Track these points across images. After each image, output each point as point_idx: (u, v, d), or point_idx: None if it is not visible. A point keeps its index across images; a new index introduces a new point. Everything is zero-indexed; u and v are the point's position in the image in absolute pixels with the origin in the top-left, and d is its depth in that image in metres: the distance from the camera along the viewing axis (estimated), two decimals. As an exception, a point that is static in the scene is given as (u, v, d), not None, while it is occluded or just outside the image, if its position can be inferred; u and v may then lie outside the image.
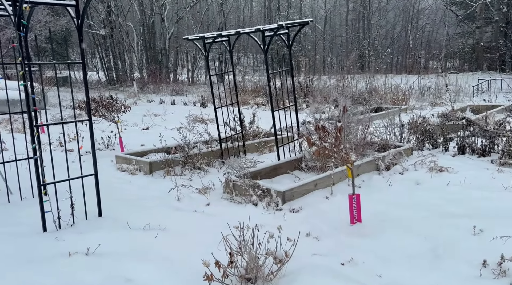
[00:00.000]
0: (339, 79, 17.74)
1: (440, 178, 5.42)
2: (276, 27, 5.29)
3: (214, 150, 7.00)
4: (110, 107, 7.33)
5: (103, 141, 8.42)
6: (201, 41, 6.58)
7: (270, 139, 7.86)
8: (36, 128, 3.61)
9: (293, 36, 5.92)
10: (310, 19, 5.42)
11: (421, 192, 4.96)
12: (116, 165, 6.81)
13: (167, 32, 28.88)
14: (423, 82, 17.79)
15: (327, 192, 4.95)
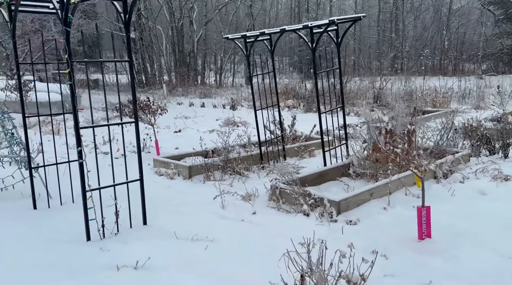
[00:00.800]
0: (372, 81, 17.19)
1: (506, 187, 4.94)
2: (326, 23, 4.94)
3: (253, 154, 6.70)
4: (147, 109, 7.14)
5: (134, 144, 8.26)
6: (242, 41, 6.30)
7: (310, 143, 7.51)
8: (77, 131, 3.39)
9: (343, 33, 5.55)
10: (363, 15, 5.06)
11: (488, 203, 4.50)
12: (154, 169, 6.61)
13: (195, 35, 28.92)
14: (461, 84, 17.02)
15: (383, 202, 4.55)
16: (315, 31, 5.24)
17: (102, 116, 12.82)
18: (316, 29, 5.24)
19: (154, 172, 6.48)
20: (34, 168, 4.40)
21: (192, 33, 28.62)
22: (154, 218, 4.08)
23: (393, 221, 4.09)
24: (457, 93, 15.40)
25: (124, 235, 3.70)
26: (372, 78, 17.79)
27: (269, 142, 6.81)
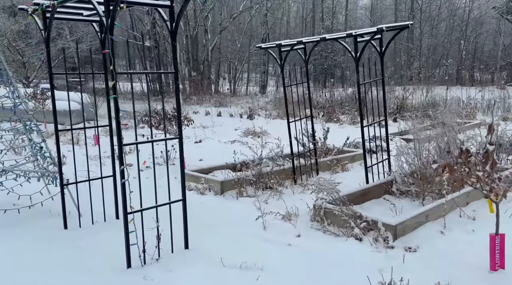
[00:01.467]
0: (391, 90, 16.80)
1: None
2: (374, 31, 4.65)
3: (285, 168, 6.38)
4: (174, 120, 6.88)
5: (162, 155, 8.01)
6: (276, 50, 6.03)
7: (342, 156, 7.18)
8: (121, 149, 3.12)
9: (387, 42, 5.25)
10: (410, 22, 4.75)
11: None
12: (182, 183, 6.32)
13: (210, 43, 28.85)
14: (484, 95, 16.58)
15: (439, 225, 4.20)
16: (359, 39, 4.94)
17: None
18: (360, 37, 4.95)
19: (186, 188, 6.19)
20: (66, 185, 4.13)
21: (207, 41, 28.56)
22: (195, 241, 3.78)
23: (454, 247, 3.74)
24: (482, 104, 14.97)
25: (166, 261, 3.39)
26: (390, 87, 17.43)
27: (302, 155, 6.50)
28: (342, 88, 21.39)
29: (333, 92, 17.37)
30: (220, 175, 6.35)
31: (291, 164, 6.52)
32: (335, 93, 17.44)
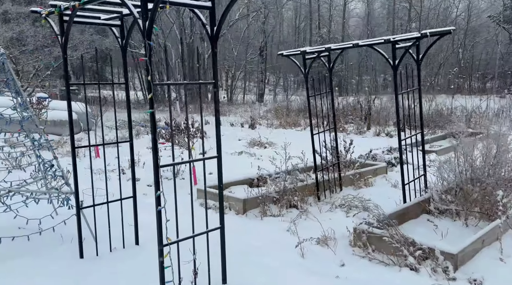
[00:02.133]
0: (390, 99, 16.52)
1: None
2: (417, 36, 4.29)
3: (308, 183, 5.97)
4: (187, 132, 6.44)
5: (170, 169, 7.55)
6: (300, 57, 5.66)
7: (365, 170, 6.79)
8: (157, 171, 2.69)
9: (425, 50, 4.91)
10: (452, 28, 4.41)
11: None
12: (198, 200, 5.89)
13: (206, 51, 28.50)
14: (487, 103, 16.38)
15: (495, 251, 3.82)
16: (398, 46, 4.58)
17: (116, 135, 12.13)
18: (400, 43, 4.58)
19: (199, 204, 5.75)
20: (82, 208, 3.67)
21: (203, 49, 28.20)
22: (231, 273, 3.34)
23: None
24: (487, 114, 14.76)
25: (205, 300, 2.95)
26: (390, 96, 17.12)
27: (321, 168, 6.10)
28: (342, 97, 21.12)
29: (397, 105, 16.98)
30: (238, 192, 5.92)
31: (310, 178, 6.14)
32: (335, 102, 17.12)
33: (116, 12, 3.62)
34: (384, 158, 7.88)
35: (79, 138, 12.73)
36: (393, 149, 8.32)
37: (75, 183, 3.60)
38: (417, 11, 27.78)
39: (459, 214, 4.84)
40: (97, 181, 5.28)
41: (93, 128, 15.21)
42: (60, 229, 4.06)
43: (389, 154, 8.10)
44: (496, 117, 14.73)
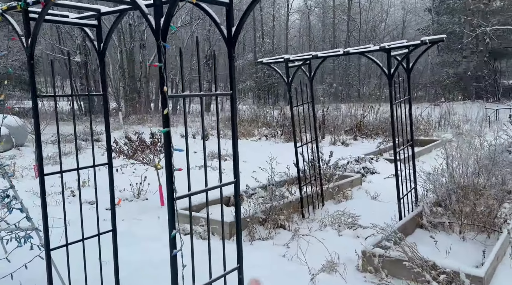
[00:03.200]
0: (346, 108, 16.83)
1: None
2: (416, 43, 4.11)
3: (292, 200, 5.59)
4: (153, 148, 5.79)
5: (131, 189, 6.79)
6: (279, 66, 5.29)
7: (343, 183, 6.56)
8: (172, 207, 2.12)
9: (416, 57, 4.77)
10: (444, 36, 4.30)
11: None
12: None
13: (147, 59, 27.34)
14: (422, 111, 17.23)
15: (508, 267, 3.69)
16: (393, 53, 4.37)
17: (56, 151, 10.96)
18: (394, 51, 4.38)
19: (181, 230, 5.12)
20: (53, 249, 2.94)
21: (144, 57, 27.01)
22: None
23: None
24: (432, 121, 15.48)
25: None
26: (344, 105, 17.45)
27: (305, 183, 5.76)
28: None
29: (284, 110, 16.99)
30: (216, 213, 5.38)
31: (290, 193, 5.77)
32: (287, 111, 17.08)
33: (92, 9, 2.99)
34: (354, 169, 7.75)
35: (11, 155, 11.31)
36: (360, 158, 8.24)
37: (44, 217, 2.88)
38: (357, 23, 28.95)
39: (452, 226, 4.73)
40: (52, 209, 4.44)
41: (26, 143, 13.65)
42: (19, 275, 3.27)
43: (357, 163, 8.00)
44: (438, 125, 15.54)
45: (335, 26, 30.12)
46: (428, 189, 5.11)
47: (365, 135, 13.59)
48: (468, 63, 26.12)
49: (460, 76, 26.63)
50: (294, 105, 5.43)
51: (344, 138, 12.83)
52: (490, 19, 23.83)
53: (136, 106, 24.80)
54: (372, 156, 8.65)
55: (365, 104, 14.44)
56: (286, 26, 31.63)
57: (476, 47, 25.83)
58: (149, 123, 21.23)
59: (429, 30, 29.13)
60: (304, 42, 33.84)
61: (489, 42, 25.39)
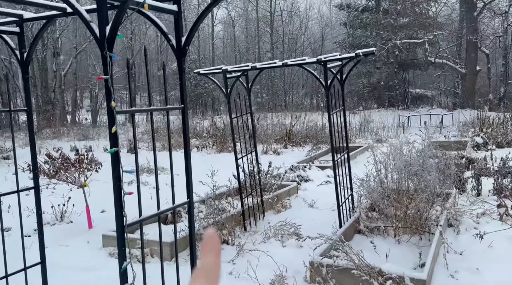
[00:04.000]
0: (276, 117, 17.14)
1: None
2: (351, 56, 4.25)
3: (234, 213, 5.47)
4: (79, 166, 5.31)
5: (53, 211, 6.15)
6: (215, 76, 5.17)
7: (281, 192, 6.59)
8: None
9: (349, 69, 4.94)
10: (374, 49, 4.53)
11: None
12: (105, 249, 4.84)
13: (62, 68, 25.53)
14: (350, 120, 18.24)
15: (442, 268, 3.93)
16: (330, 65, 4.48)
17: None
18: (331, 63, 4.50)
19: (108, 254, 4.72)
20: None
21: (59, 66, 25.17)
22: None
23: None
24: (354, 128, 16.36)
25: None
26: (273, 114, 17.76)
27: (246, 195, 5.67)
28: (219, 116, 21.14)
29: (215, 120, 16.89)
30: (153, 232, 5.06)
31: (230, 206, 5.65)
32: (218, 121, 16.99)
33: (13, 15, 2.63)
34: (290, 177, 7.86)
35: None
36: (294, 167, 8.38)
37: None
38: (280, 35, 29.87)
39: (387, 230, 4.95)
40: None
41: None
42: None
43: (292, 172, 8.12)
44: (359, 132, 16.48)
45: (259, 38, 30.80)
46: (362, 194, 5.31)
47: (295, 144, 13.94)
48: (381, 74, 28.23)
49: (374, 86, 28.66)
50: (234, 116, 5.32)
51: (275, 147, 13.03)
52: (398, 33, 26.03)
53: (51, 119, 22.94)
54: (305, 164, 8.84)
55: (293, 114, 14.81)
56: (211, 36, 31.61)
57: (387, 59, 28.02)
58: (66, 137, 19.73)
59: (345, 43, 30.98)
60: (229, 52, 34.07)
61: (398, 54, 27.72)
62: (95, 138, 18.98)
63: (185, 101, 2.28)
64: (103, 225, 5.72)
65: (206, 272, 0.37)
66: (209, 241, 0.40)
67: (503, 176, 6.84)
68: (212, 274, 0.37)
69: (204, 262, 0.38)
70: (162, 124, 17.86)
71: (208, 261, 0.38)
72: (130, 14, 1.76)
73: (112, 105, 1.78)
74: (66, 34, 26.61)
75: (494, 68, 27.83)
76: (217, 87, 5.12)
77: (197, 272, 0.38)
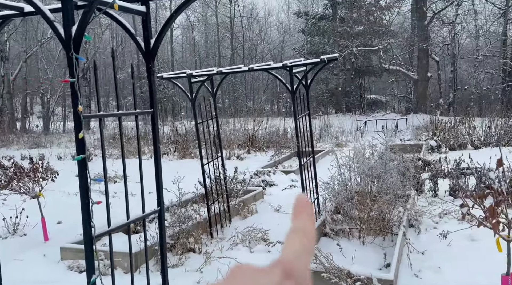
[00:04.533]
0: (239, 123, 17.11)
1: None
2: (316, 61, 4.31)
3: (200, 221, 5.36)
4: (33, 175, 5.01)
5: (5, 224, 5.77)
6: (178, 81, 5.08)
7: (247, 197, 6.56)
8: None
9: (313, 74, 5.01)
10: (337, 55, 4.63)
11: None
12: (63, 262, 4.59)
13: (11, 73, 24.22)
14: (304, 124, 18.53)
15: (406, 267, 4.03)
16: (296, 70, 4.52)
17: None
18: (297, 68, 4.54)
19: (67, 267, 4.48)
20: None
21: (7, 70, 23.85)
22: None
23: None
24: (315, 133, 16.64)
25: None
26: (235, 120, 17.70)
27: (212, 202, 5.58)
28: (179, 122, 20.85)
29: (176, 126, 16.61)
30: (118, 243, 4.86)
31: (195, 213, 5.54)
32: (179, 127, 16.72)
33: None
34: (255, 182, 7.85)
35: None
36: (259, 172, 8.39)
37: None
38: (240, 41, 29.98)
39: (352, 232, 5.04)
40: None
41: None
42: None
43: (257, 177, 8.12)
44: (320, 136, 16.79)
45: (219, 43, 30.75)
46: (326, 198, 5.38)
47: (258, 149, 13.98)
48: (339, 80, 29.01)
49: (332, 91, 29.39)
50: (199, 122, 5.24)
51: (238, 153, 12.99)
52: (354, 41, 26.88)
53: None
54: (269, 169, 8.87)
55: (255, 119, 14.85)
56: (171, 41, 31.16)
57: (344, 65, 28.85)
58: (16, 145, 18.72)
59: (304, 50, 31.58)
60: (188, 57, 33.73)
61: (355, 61, 28.61)
62: (47, 146, 18.13)
63: (155, 105, 2.20)
64: (59, 237, 5.44)
65: (301, 232, 0.35)
66: (301, 204, 0.37)
67: (458, 177, 7.18)
68: (308, 234, 0.35)
69: (297, 224, 0.36)
70: (109, 131, 17.36)
71: (301, 223, 0.36)
72: (98, 14, 1.66)
73: (79, 109, 1.68)
74: (15, 37, 25.30)
75: (444, 75, 29.36)
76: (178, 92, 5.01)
77: (290, 234, 0.36)
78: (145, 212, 2.32)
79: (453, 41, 26.30)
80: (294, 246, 0.34)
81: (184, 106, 30.52)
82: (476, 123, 13.31)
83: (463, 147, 11.52)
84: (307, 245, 0.34)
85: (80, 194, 1.81)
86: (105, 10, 1.71)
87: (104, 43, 32.27)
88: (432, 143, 10.94)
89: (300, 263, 0.32)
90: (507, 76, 25.44)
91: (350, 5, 27.81)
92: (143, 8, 2.11)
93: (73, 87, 1.68)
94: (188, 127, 15.50)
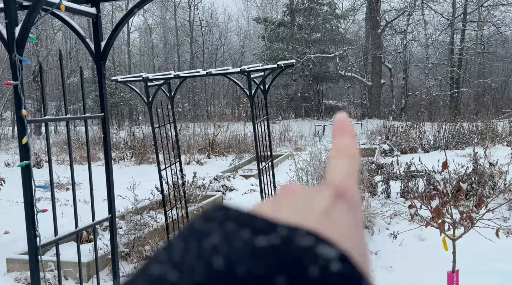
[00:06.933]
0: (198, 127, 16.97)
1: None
2: (273, 67, 4.37)
3: (156, 228, 5.27)
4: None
5: None
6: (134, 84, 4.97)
7: (206, 203, 6.51)
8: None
9: (271, 80, 5.06)
10: (294, 61, 4.73)
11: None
12: (10, 274, 4.36)
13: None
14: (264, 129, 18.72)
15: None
16: (253, 76, 4.56)
17: None
18: (255, 73, 4.58)
19: (14, 280, 4.25)
20: None
21: None
22: None
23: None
24: (274, 137, 16.82)
25: None
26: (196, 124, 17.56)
27: (170, 208, 5.49)
28: (137, 126, 20.38)
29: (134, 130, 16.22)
30: (69, 253, 4.67)
31: (152, 220, 5.44)
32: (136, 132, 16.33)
33: None
34: (214, 187, 7.82)
35: None
36: (218, 176, 8.37)
37: None
38: (200, 45, 29.80)
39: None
40: None
41: None
42: None
43: (217, 182, 8.10)
44: (279, 140, 16.99)
45: (178, 47, 30.40)
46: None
47: (218, 154, 13.92)
48: (297, 86, 29.53)
49: (292, 97, 29.86)
50: (156, 126, 5.15)
51: (198, 158, 12.88)
52: (312, 48, 27.51)
53: None
54: (229, 174, 8.86)
55: (216, 124, 14.80)
56: (127, 44, 30.43)
57: (303, 71, 29.41)
58: None
59: (264, 55, 31.90)
60: (146, 61, 33.10)
61: (313, 68, 29.26)
62: (-7, 152, 17.14)
63: (106, 110, 2.14)
64: (6, 247, 5.15)
65: (345, 151, 0.32)
66: (341, 123, 0.34)
67: (408, 179, 7.50)
68: (353, 153, 0.32)
69: (340, 144, 0.33)
70: (60, 137, 16.72)
71: (344, 143, 0.33)
72: (44, 15, 1.60)
73: (22, 113, 1.60)
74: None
75: (396, 81, 30.64)
76: (135, 96, 4.87)
77: (334, 154, 0.33)
78: (96, 219, 2.25)
79: (404, 49, 27.54)
80: (341, 167, 0.31)
81: (142, 111, 29.89)
82: (426, 128, 14.00)
83: (414, 150, 12.06)
84: (353, 165, 0.32)
85: (24, 202, 1.73)
86: (51, 11, 1.65)
87: (57, 45, 31.00)
88: (385, 146, 11.37)
89: (350, 184, 0.30)
90: (454, 83, 26.97)
91: (307, 13, 28.45)
92: (93, 10, 2.06)
93: (17, 91, 1.61)
94: (145, 132, 15.18)
